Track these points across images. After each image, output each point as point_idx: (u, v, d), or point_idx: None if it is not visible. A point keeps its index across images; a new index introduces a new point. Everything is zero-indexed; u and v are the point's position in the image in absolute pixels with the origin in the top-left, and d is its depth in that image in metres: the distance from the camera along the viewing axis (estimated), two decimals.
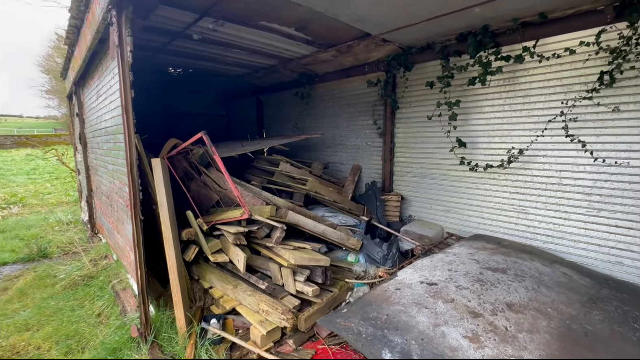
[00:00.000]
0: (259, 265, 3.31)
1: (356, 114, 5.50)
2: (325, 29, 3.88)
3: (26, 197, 9.67)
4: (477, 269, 2.93)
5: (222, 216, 3.20)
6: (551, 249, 3.53)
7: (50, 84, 22.51)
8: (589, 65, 3.10)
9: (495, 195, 3.92)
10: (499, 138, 3.80)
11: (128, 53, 2.44)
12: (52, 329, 3.19)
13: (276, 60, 5.32)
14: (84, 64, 4.15)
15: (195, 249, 3.10)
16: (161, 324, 2.82)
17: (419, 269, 3.03)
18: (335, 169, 6.02)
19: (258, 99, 7.84)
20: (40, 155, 15.79)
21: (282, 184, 4.75)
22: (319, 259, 3.01)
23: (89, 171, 5.51)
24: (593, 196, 3.23)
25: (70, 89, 5.94)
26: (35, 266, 4.76)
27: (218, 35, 4.11)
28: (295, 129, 6.83)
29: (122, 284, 3.80)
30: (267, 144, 5.11)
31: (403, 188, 4.93)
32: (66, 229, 6.47)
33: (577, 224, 3.35)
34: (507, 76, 3.65)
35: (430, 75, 4.29)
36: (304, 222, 3.63)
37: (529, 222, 3.69)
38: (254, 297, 2.78)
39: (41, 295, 3.88)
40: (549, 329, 2.19)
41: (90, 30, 3.22)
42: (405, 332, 2.14)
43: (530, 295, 2.55)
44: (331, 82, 5.76)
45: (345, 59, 4.90)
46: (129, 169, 2.53)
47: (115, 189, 3.63)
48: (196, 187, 3.99)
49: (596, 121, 3.13)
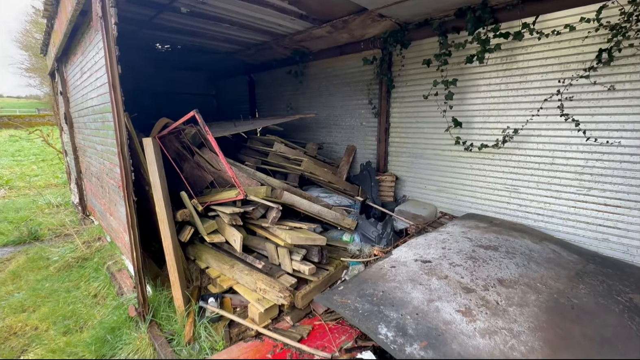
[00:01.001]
0: (255, 246, 3.32)
1: (351, 93, 5.40)
2: (320, 2, 3.73)
3: (12, 179, 9.41)
4: (470, 247, 2.99)
5: (217, 197, 3.17)
6: (541, 227, 3.62)
7: (30, 62, 21.48)
8: (588, 42, 3.06)
9: (488, 175, 3.95)
10: (495, 118, 3.79)
11: (113, 25, 2.31)
12: (48, 309, 3.19)
13: (268, 36, 5.13)
14: (65, 39, 3.93)
15: (191, 229, 3.09)
16: (159, 304, 2.84)
17: (413, 247, 3.08)
18: (329, 149, 5.97)
19: (250, 77, 7.62)
20: (24, 137, 15.29)
21: (277, 164, 4.71)
22: (315, 239, 3.03)
23: (77, 152, 5.35)
24: (584, 175, 3.28)
25: (52, 66, 5.66)
26: (26, 249, 4.70)
27: (207, 8, 3.91)
28: (288, 108, 6.70)
29: (117, 265, 3.79)
30: (261, 123, 5.01)
31: (397, 168, 4.94)
32: (56, 212, 6.36)
33: (568, 202, 3.43)
34: (505, 54, 3.59)
35: (427, 53, 4.20)
36: (300, 203, 3.63)
37: (520, 202, 3.75)
38: (251, 276, 2.81)
39: (35, 277, 3.85)
40: (538, 303, 2.27)
41: (70, 1, 3.02)
42: (400, 308, 2.20)
43: (521, 271, 2.63)
44: (326, 60, 5.61)
45: (340, 35, 4.75)
46: (119, 148, 2.46)
47: (105, 170, 3.54)
48: (189, 168, 3.92)
49: (591, 100, 3.13)
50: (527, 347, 1.91)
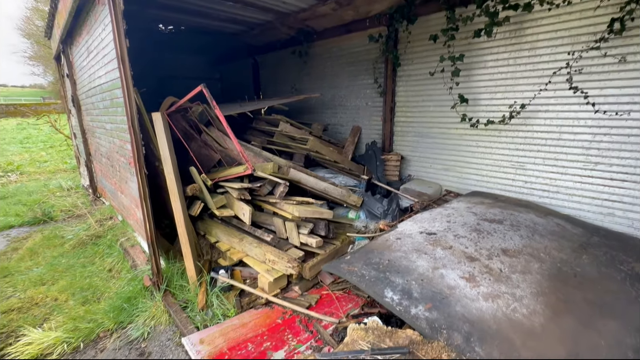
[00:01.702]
0: (262, 221, 3.40)
1: (356, 73, 5.35)
2: None
3: (23, 165, 9.58)
4: (475, 220, 3.03)
5: (226, 172, 3.23)
6: (546, 203, 3.64)
7: (33, 50, 21.40)
8: (600, 13, 2.99)
9: (494, 152, 3.95)
10: (502, 94, 3.76)
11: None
12: (66, 282, 3.33)
13: (272, 14, 5.07)
14: (70, 18, 3.93)
15: (201, 204, 3.16)
16: (172, 275, 2.95)
17: (418, 221, 3.13)
18: (335, 130, 5.97)
19: (254, 59, 7.56)
20: (32, 124, 15.43)
21: (282, 144, 4.74)
22: (322, 212, 3.09)
23: (86, 134, 5.43)
24: (591, 150, 3.27)
25: (58, 49, 5.67)
26: (41, 228, 4.85)
27: None
28: (293, 90, 6.67)
29: (129, 241, 3.90)
30: (266, 103, 5.01)
31: (403, 148, 4.94)
32: (67, 195, 6.50)
33: (574, 178, 3.43)
34: (513, 27, 3.52)
35: (434, 29, 4.13)
36: (306, 180, 3.68)
37: (526, 178, 3.76)
38: (260, 248, 2.89)
39: (51, 254, 3.99)
40: (541, 271, 2.32)
41: None
42: (405, 274, 2.26)
43: (525, 242, 2.67)
44: (330, 39, 5.54)
45: (346, 12, 4.67)
46: (130, 123, 2.50)
47: (115, 149, 3.61)
48: (196, 147, 3.97)
49: (601, 73, 3.08)
50: (529, 309, 1.97)
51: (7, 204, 6.05)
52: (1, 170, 8.94)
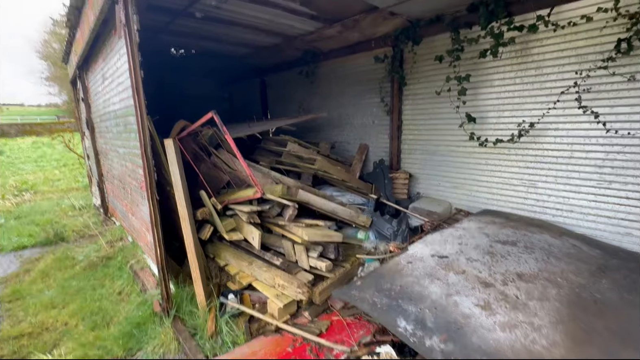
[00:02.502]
0: (272, 244, 3.39)
1: (362, 92, 5.42)
2: (331, 2, 3.77)
3: (36, 184, 9.82)
4: (487, 242, 2.98)
5: (235, 195, 3.25)
6: (560, 222, 3.56)
7: (50, 71, 22.30)
8: (606, 33, 3.00)
9: (504, 170, 3.91)
10: (510, 112, 3.75)
11: (135, 32, 2.41)
12: (76, 306, 3.34)
13: (280, 38, 5.21)
14: (87, 47, 4.10)
15: (210, 228, 3.18)
16: (181, 300, 2.93)
17: (429, 243, 3.08)
18: (342, 148, 6.00)
19: (262, 80, 7.73)
20: (46, 143, 15.90)
21: (290, 164, 4.77)
22: (331, 235, 3.07)
23: (99, 156, 5.55)
24: (605, 168, 3.21)
25: (74, 74, 5.89)
26: (53, 249, 4.91)
27: (221, 13, 4.02)
28: (300, 109, 6.77)
29: (139, 264, 3.92)
30: (274, 124, 5.09)
31: (411, 165, 4.93)
32: (79, 214, 6.61)
33: (587, 196, 3.36)
34: (519, 47, 3.55)
35: (440, 49, 4.19)
36: (315, 201, 3.68)
37: (538, 197, 3.69)
38: (269, 272, 2.87)
39: (63, 276, 4.03)
40: (559, 297, 2.25)
41: (93, 10, 3.16)
42: (418, 302, 2.21)
43: (540, 265, 2.60)
44: (336, 60, 5.65)
45: (351, 34, 4.78)
46: (142, 150, 2.56)
47: (127, 172, 3.68)
48: (206, 169, 4.03)
49: (610, 92, 3.06)
50: (549, 340, 1.90)
51: (20, 224, 6.17)
52: (16, 190, 9.17)
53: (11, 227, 5.96)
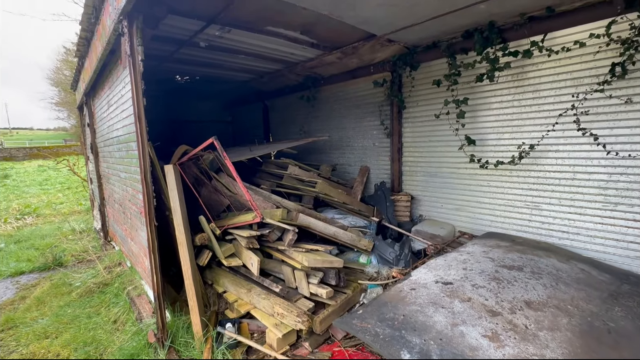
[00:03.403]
0: (271, 269, 3.31)
1: (363, 115, 5.50)
2: (330, 31, 3.90)
3: (39, 207, 9.85)
4: (493, 267, 2.89)
5: (234, 220, 3.22)
6: (567, 245, 3.47)
7: (60, 96, 23.02)
8: (600, 57, 3.06)
9: (507, 192, 3.87)
10: (509, 134, 3.77)
11: (139, 62, 2.49)
12: (70, 336, 3.23)
13: (281, 64, 5.37)
14: (95, 75, 4.24)
15: (209, 253, 3.12)
16: (177, 329, 2.84)
17: (433, 268, 3.00)
18: (343, 170, 6.01)
19: (264, 103, 7.90)
20: (51, 166, 16.12)
21: (291, 187, 4.77)
22: (332, 261, 3.00)
23: (101, 180, 5.59)
24: (609, 190, 3.17)
25: (81, 100, 6.06)
26: (51, 275, 4.84)
27: (224, 42, 4.16)
28: (301, 132, 6.85)
29: (136, 290, 3.83)
30: (275, 147, 5.14)
31: (412, 188, 4.90)
32: (79, 238, 6.57)
33: (594, 219, 3.29)
34: (515, 71, 3.61)
35: (437, 74, 4.28)
36: (315, 224, 3.63)
37: (543, 219, 3.63)
38: (268, 300, 2.78)
39: (58, 303, 3.94)
40: (571, 327, 2.14)
41: (100, 42, 3.29)
42: (423, 332, 2.12)
43: (549, 292, 2.50)
44: (337, 84, 5.78)
45: (351, 60, 4.92)
46: (142, 176, 2.57)
47: (128, 197, 3.68)
48: (207, 193, 4.02)
49: (609, 114, 3.08)
50: None
51: (20, 248, 6.13)
52: (19, 213, 9.19)
53: (10, 252, 5.92)
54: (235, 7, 3.11)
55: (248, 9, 3.20)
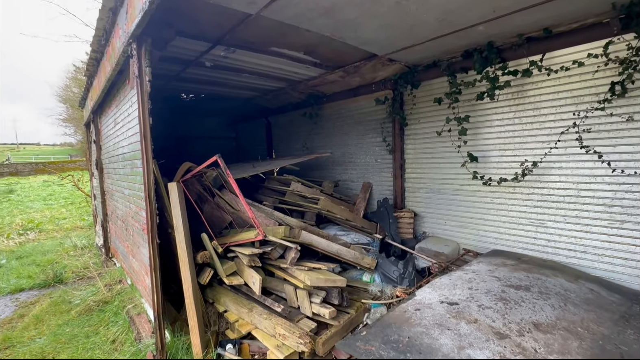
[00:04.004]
0: (273, 287, 3.27)
1: (365, 132, 5.55)
2: (333, 51, 4.00)
3: (42, 222, 9.88)
4: (499, 287, 2.83)
5: (237, 238, 3.20)
6: (574, 264, 3.41)
7: (67, 113, 23.49)
8: (599, 76, 3.10)
9: (511, 209, 3.84)
10: (511, 151, 3.77)
11: (147, 82, 2.55)
12: (67, 356, 3.17)
13: (285, 82, 5.48)
14: (103, 94, 4.34)
15: (210, 272, 3.09)
16: (177, 350, 2.78)
17: (437, 287, 2.94)
18: (345, 186, 6.01)
19: (267, 120, 8.01)
20: (56, 182, 16.26)
21: (294, 203, 4.76)
22: (335, 280, 2.96)
23: (105, 196, 5.62)
24: (614, 208, 3.13)
25: (88, 118, 6.18)
26: (51, 292, 4.80)
27: (229, 62, 4.27)
28: (304, 148, 6.91)
29: (136, 308, 3.78)
30: (278, 164, 5.17)
31: (415, 204, 4.88)
32: (81, 254, 6.54)
33: (600, 237, 3.24)
34: (515, 90, 3.66)
35: (438, 92, 4.34)
36: (318, 242, 3.60)
37: (548, 237, 3.58)
38: (269, 320, 2.73)
39: (57, 321, 3.88)
40: (582, 350, 2.07)
41: (110, 62, 3.39)
42: (428, 356, 2.05)
43: (558, 313, 2.44)
44: (339, 102, 5.86)
45: (353, 79, 5.01)
46: (146, 193, 2.58)
47: (131, 213, 3.69)
48: (209, 209, 4.02)
49: (611, 131, 3.09)
50: None
51: (21, 264, 6.11)
52: (22, 229, 9.21)
53: (11, 268, 5.90)
54: (240, 29, 3.21)
55: (253, 31, 3.30)
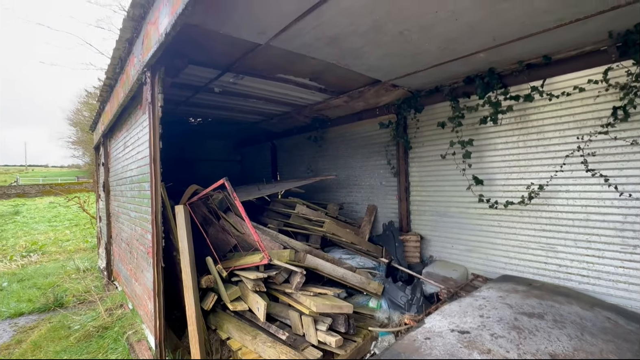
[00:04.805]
0: (277, 313, 3.18)
1: (369, 155, 5.60)
2: (338, 77, 4.12)
3: (46, 244, 9.86)
4: (511, 315, 2.73)
5: (241, 262, 3.16)
6: (588, 290, 3.30)
7: (77, 135, 24.13)
8: (601, 101, 3.14)
9: (519, 233, 3.78)
10: (517, 174, 3.77)
11: (158, 108, 2.64)
12: None
13: (290, 107, 5.61)
14: (114, 118, 4.47)
15: (214, 297, 3.03)
16: None
17: (447, 315, 2.85)
18: (350, 209, 5.99)
19: (272, 143, 8.13)
20: (62, 203, 16.37)
21: (299, 226, 4.73)
22: (342, 306, 2.88)
23: (110, 218, 5.64)
24: (626, 232, 3.07)
25: (98, 141, 6.33)
26: (50, 316, 4.70)
27: (237, 88, 4.41)
28: (309, 171, 6.95)
29: (137, 335, 3.68)
30: (283, 187, 5.19)
31: (421, 227, 4.82)
32: (83, 277, 6.46)
33: (613, 262, 3.16)
34: (518, 114, 3.71)
35: (441, 116, 4.41)
36: (323, 266, 3.54)
37: (559, 261, 3.50)
38: (274, 348, 2.64)
39: (55, 348, 3.77)
40: None
41: (123, 89, 3.52)
42: None
43: (575, 344, 2.33)
44: (343, 125, 5.97)
45: (357, 103, 5.13)
46: (153, 216, 2.59)
47: (136, 236, 3.68)
48: (214, 232, 4.01)
49: (616, 155, 3.09)
50: None
51: (22, 287, 6.04)
52: (25, 250, 9.18)
53: (12, 291, 5.82)
54: (249, 57, 3.34)
55: (261, 59, 3.43)
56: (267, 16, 2.48)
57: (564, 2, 2.39)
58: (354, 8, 2.39)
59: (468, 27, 2.76)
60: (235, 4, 2.22)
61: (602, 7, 2.46)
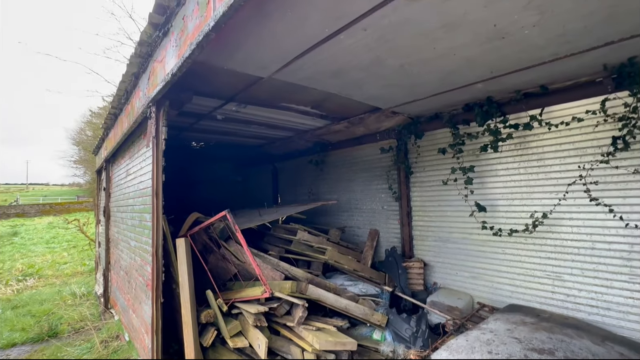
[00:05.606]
0: (278, 348, 3.08)
1: (370, 179, 5.61)
2: (338, 105, 4.19)
3: (43, 267, 9.71)
4: (521, 351, 2.64)
5: (242, 294, 3.10)
6: (598, 322, 3.20)
7: (79, 155, 24.29)
8: (600, 130, 3.17)
9: (524, 260, 3.72)
10: (519, 201, 3.75)
11: (162, 141, 2.66)
12: None
13: (292, 132, 5.68)
14: (118, 145, 4.51)
15: (214, 332, 2.94)
16: None
17: (454, 350, 2.75)
18: (352, 233, 5.93)
19: (273, 166, 8.18)
20: (61, 224, 16.28)
21: (300, 252, 4.67)
22: (345, 343, 2.79)
23: (109, 244, 5.58)
24: (633, 261, 3.02)
25: (101, 165, 6.36)
26: (43, 348, 4.55)
27: (240, 115, 4.48)
28: (310, 193, 6.95)
29: None
30: (284, 212, 5.17)
31: (425, 253, 4.75)
32: (79, 303, 6.31)
33: (622, 292, 3.09)
34: (518, 141, 3.74)
35: (442, 142, 4.45)
36: (325, 297, 3.46)
37: (567, 291, 3.42)
38: None
39: None
40: None
41: (128, 119, 3.57)
42: None
43: None
44: (344, 149, 6.01)
45: (357, 129, 5.19)
46: (154, 249, 2.56)
47: (135, 266, 3.62)
48: (214, 260, 3.95)
49: (619, 183, 3.09)
50: None
51: (16, 315, 5.89)
52: (21, 274, 9.03)
53: (6, 319, 5.67)
54: (252, 89, 3.41)
55: (264, 90, 3.50)
56: (269, 54, 2.55)
57: (558, 39, 2.46)
58: (355, 46, 2.47)
59: (466, 60, 2.83)
60: (239, 44, 2.29)
61: (596, 44, 2.53)
